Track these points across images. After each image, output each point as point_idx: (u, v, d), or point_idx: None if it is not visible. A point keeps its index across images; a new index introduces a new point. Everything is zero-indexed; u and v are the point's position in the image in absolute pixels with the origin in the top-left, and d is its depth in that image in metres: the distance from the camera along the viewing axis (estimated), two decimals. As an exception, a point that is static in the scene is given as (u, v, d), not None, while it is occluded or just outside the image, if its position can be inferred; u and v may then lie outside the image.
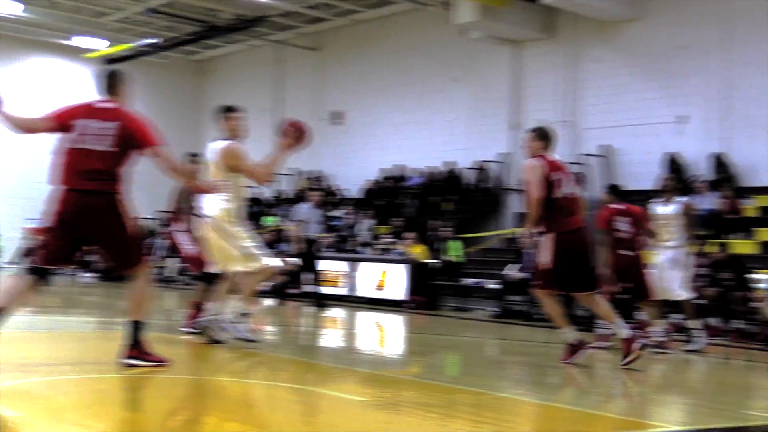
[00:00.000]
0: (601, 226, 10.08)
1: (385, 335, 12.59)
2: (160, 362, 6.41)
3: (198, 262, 9.26)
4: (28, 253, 28.06)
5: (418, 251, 17.87)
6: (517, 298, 15.26)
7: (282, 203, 24.24)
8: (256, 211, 24.10)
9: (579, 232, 7.81)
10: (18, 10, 25.07)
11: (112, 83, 6.80)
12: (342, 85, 25.32)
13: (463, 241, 18.51)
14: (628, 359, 7.77)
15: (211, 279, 9.16)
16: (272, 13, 24.75)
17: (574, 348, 7.75)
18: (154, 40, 25.27)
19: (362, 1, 23.39)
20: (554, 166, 7.78)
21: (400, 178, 22.72)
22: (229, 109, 8.31)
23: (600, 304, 7.89)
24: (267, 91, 27.64)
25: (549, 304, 7.74)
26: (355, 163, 24.08)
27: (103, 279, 23.07)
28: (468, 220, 20.28)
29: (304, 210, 15.82)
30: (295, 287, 16.80)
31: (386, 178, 22.95)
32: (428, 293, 17.24)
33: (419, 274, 17.34)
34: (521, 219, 19.68)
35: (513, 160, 20.48)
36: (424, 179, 21.98)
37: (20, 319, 11.70)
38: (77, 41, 27.82)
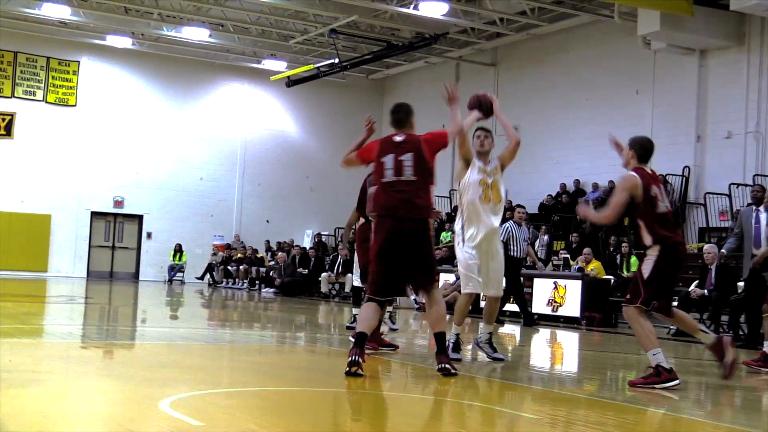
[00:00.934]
0: None
1: (559, 352, 12.38)
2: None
3: None
4: (210, 268, 29.33)
5: (595, 267, 17.51)
6: (698, 315, 14.67)
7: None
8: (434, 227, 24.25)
9: (683, 246, 7.50)
10: (204, 35, 26.27)
11: (403, 117, 7.71)
12: (519, 100, 25.17)
13: (644, 257, 18.00)
14: (724, 366, 7.33)
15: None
16: (451, 30, 24.95)
17: (668, 372, 7.19)
18: (335, 60, 25.93)
19: (542, 16, 23.23)
20: (654, 179, 7.43)
21: (579, 193, 22.34)
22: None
23: (684, 317, 7.52)
24: (445, 107, 27.76)
25: (642, 322, 7.26)
26: (532, 177, 23.87)
27: (281, 294, 23.79)
28: (650, 235, 19.70)
29: (507, 227, 14.90)
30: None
31: (562, 193, 22.62)
32: (605, 310, 16.86)
33: (596, 291, 16.98)
34: (705, 234, 18.99)
35: (700, 172, 19.82)
36: (602, 194, 21.54)
37: (204, 332, 12.21)
38: (268, 65, 28.87)
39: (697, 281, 14.62)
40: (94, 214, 28.67)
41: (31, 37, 26.97)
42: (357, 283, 11.43)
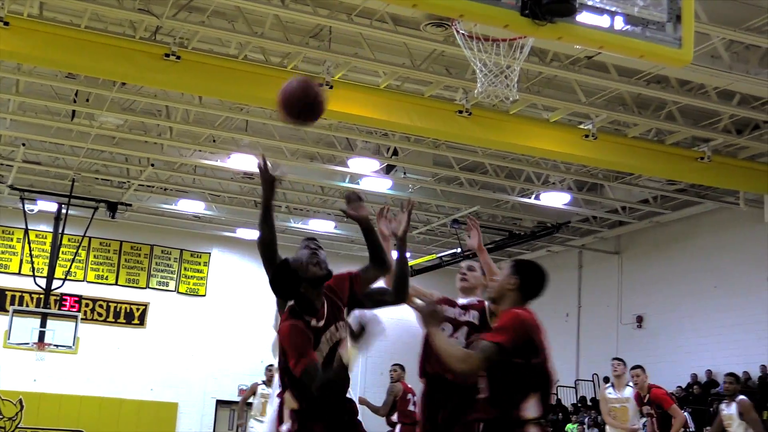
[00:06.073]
0: None
1: None
2: None
3: None
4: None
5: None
6: None
7: (584, 410, 23.61)
8: (558, 418, 23.64)
9: None
10: (329, 227, 27.03)
11: None
12: (643, 288, 24.78)
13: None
14: None
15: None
16: (573, 219, 25.07)
17: None
18: (458, 250, 26.22)
19: (665, 204, 23.18)
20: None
21: (711, 384, 21.52)
22: None
23: None
24: (568, 296, 27.57)
25: None
26: (659, 368, 23.11)
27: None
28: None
29: None
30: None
31: (693, 384, 21.83)
32: None
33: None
34: None
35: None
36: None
37: None
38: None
39: None
40: (219, 403, 28.95)
41: (167, 231, 28.26)
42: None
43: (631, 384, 12.58)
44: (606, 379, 23.96)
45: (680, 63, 8.45)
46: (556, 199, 22.83)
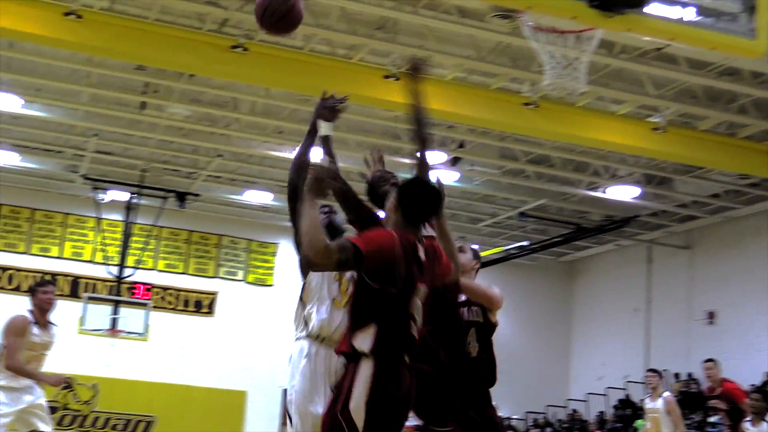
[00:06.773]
0: None
1: None
2: None
3: None
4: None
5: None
6: None
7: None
8: (627, 414, 23.38)
9: None
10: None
11: None
12: (715, 284, 24.28)
13: None
14: None
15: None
16: (642, 213, 24.70)
17: None
18: (525, 243, 26.02)
19: (736, 198, 22.69)
20: None
21: (785, 383, 21.05)
22: None
23: None
24: (637, 290, 27.17)
25: None
26: (731, 365, 22.62)
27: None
28: None
29: None
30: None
31: (766, 383, 21.38)
32: None
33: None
34: None
35: None
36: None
37: None
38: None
39: None
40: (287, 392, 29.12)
41: (235, 221, 28.52)
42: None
43: (666, 394, 12.74)
44: (676, 376, 23.69)
45: (754, 54, 8.27)
46: (624, 193, 22.50)
